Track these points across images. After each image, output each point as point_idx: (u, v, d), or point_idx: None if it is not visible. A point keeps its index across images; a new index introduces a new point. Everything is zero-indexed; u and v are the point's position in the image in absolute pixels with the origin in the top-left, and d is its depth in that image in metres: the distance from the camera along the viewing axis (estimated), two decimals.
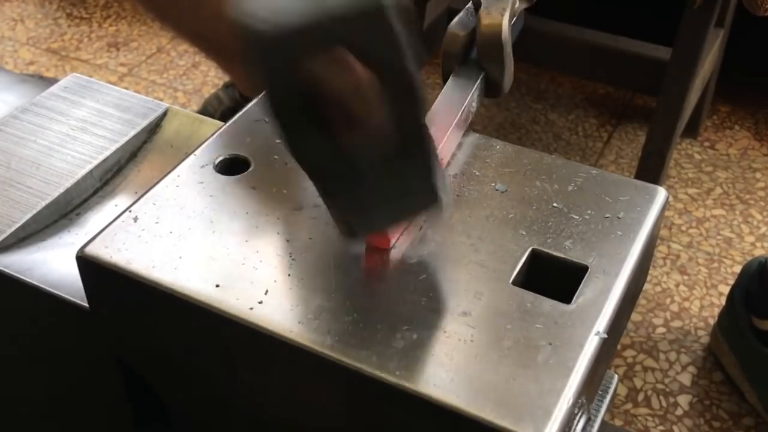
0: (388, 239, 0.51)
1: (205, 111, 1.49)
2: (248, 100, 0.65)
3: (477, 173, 0.58)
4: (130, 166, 0.68)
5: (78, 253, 0.51)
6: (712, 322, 1.29)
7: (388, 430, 0.46)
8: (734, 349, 1.18)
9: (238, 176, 0.57)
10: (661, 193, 0.56)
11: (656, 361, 1.24)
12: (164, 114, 0.71)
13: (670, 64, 1.33)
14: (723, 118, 1.70)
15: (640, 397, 1.18)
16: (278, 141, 0.60)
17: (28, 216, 0.62)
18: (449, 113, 0.57)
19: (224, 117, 1.37)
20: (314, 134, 0.43)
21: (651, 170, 1.38)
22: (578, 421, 0.46)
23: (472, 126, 0.61)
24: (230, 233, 0.53)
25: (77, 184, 0.65)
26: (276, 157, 0.59)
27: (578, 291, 0.49)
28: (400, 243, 0.52)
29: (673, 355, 1.24)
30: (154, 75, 1.76)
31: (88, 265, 0.51)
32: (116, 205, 0.64)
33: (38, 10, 1.93)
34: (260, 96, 0.64)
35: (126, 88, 0.77)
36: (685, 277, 1.35)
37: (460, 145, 0.60)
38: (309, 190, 0.56)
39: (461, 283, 0.50)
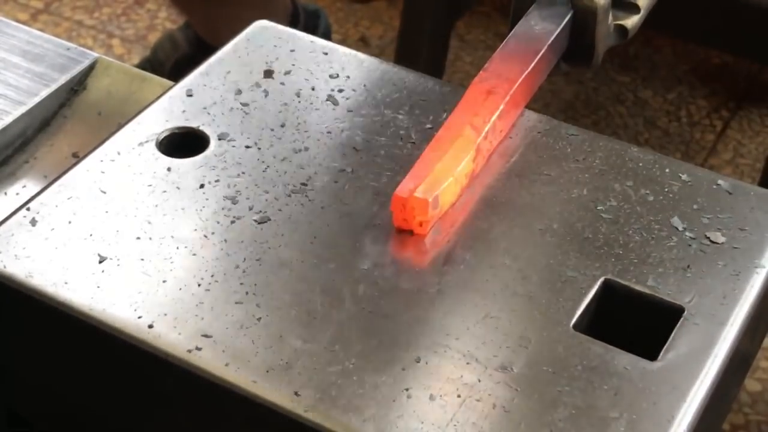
0: (426, 221, 0.52)
1: (154, 58, 1.50)
2: (211, 49, 0.66)
3: (532, 169, 0.58)
4: (39, 139, 0.68)
5: None
6: None
7: None
8: None
9: (191, 159, 0.57)
10: None
11: None
12: (92, 67, 0.72)
13: None
14: None
15: None
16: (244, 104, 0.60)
17: None
18: (534, 42, 0.60)
19: (179, 68, 1.37)
20: None
21: None
22: None
23: (530, 101, 0.61)
24: (174, 241, 0.53)
25: None
26: (245, 131, 0.59)
27: (668, 342, 0.49)
28: (421, 259, 0.52)
29: None
30: (80, 14, 1.77)
31: None
32: (17, 194, 0.64)
33: None
34: (229, 43, 0.64)
35: (41, 30, 0.77)
36: None
37: (511, 129, 0.60)
38: (291, 185, 0.56)
39: (501, 323, 0.50)
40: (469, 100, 0.57)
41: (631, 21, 0.64)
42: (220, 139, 0.58)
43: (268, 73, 0.63)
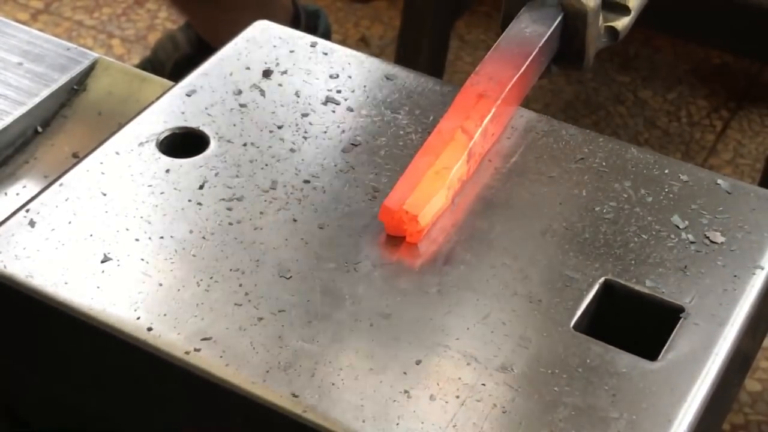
0: (420, 228, 0.52)
1: (155, 58, 1.49)
2: (212, 49, 0.66)
3: (532, 169, 0.58)
4: (40, 139, 0.68)
5: None
6: None
7: None
8: None
9: (191, 159, 0.57)
10: None
11: None
12: (92, 67, 0.72)
13: None
14: None
15: None
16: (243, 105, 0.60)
17: None
18: (525, 44, 0.59)
19: (179, 68, 1.37)
20: None
21: None
22: None
23: (530, 101, 0.61)
24: (174, 241, 0.53)
25: None
26: (245, 132, 0.59)
27: (668, 342, 0.49)
28: (421, 259, 0.52)
29: None
30: (80, 14, 1.77)
31: None
32: (17, 194, 0.64)
33: None
34: (229, 43, 0.64)
35: (41, 30, 0.77)
36: None
37: (511, 130, 0.60)
38: (290, 185, 0.56)
39: (501, 324, 0.50)
40: (460, 103, 0.57)
41: (622, 23, 0.63)
42: (219, 140, 0.58)
43: (268, 74, 0.63)
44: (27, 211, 0.54)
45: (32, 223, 0.53)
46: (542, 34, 0.61)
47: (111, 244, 0.52)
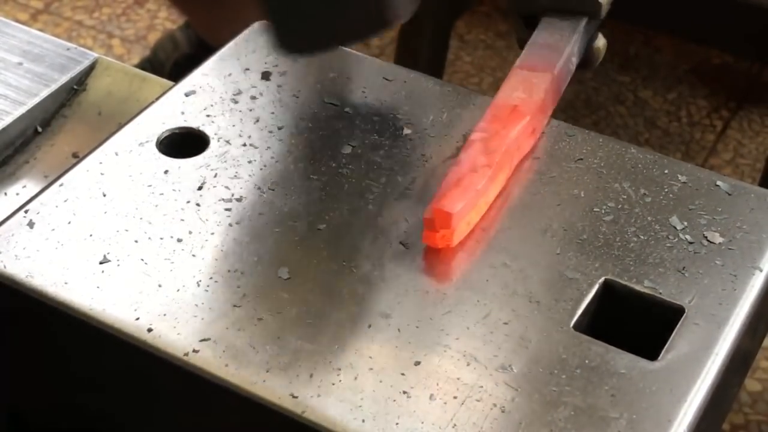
0: (451, 235, 0.52)
1: (154, 58, 1.50)
2: (211, 49, 0.66)
3: (532, 169, 0.58)
4: (39, 139, 0.68)
5: None
6: None
7: None
8: None
9: (190, 159, 0.57)
10: None
11: None
12: (92, 67, 0.72)
13: None
14: None
15: None
16: (241, 105, 0.60)
17: None
18: (549, 58, 0.61)
19: (179, 68, 1.37)
20: None
21: None
22: None
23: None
24: (174, 241, 0.53)
25: None
26: (244, 132, 0.59)
27: (668, 342, 0.49)
28: (420, 260, 0.52)
29: None
30: (80, 14, 1.77)
31: None
32: (17, 194, 0.65)
33: None
34: (229, 44, 0.64)
35: (41, 30, 0.77)
36: None
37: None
38: (289, 186, 0.56)
39: (501, 323, 0.50)
40: (503, 118, 0.57)
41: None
42: (219, 140, 0.58)
43: (268, 74, 0.63)
44: (26, 211, 0.54)
45: (32, 224, 0.53)
46: (570, 43, 0.62)
47: (111, 244, 0.52)
